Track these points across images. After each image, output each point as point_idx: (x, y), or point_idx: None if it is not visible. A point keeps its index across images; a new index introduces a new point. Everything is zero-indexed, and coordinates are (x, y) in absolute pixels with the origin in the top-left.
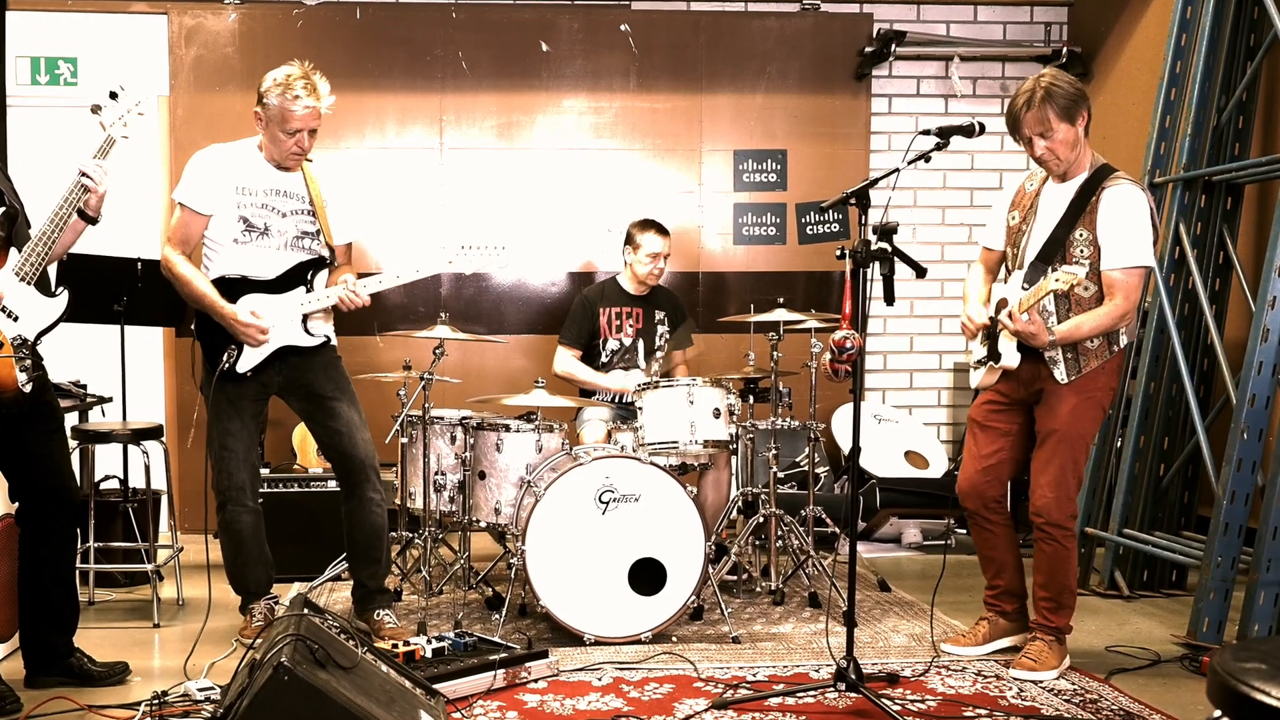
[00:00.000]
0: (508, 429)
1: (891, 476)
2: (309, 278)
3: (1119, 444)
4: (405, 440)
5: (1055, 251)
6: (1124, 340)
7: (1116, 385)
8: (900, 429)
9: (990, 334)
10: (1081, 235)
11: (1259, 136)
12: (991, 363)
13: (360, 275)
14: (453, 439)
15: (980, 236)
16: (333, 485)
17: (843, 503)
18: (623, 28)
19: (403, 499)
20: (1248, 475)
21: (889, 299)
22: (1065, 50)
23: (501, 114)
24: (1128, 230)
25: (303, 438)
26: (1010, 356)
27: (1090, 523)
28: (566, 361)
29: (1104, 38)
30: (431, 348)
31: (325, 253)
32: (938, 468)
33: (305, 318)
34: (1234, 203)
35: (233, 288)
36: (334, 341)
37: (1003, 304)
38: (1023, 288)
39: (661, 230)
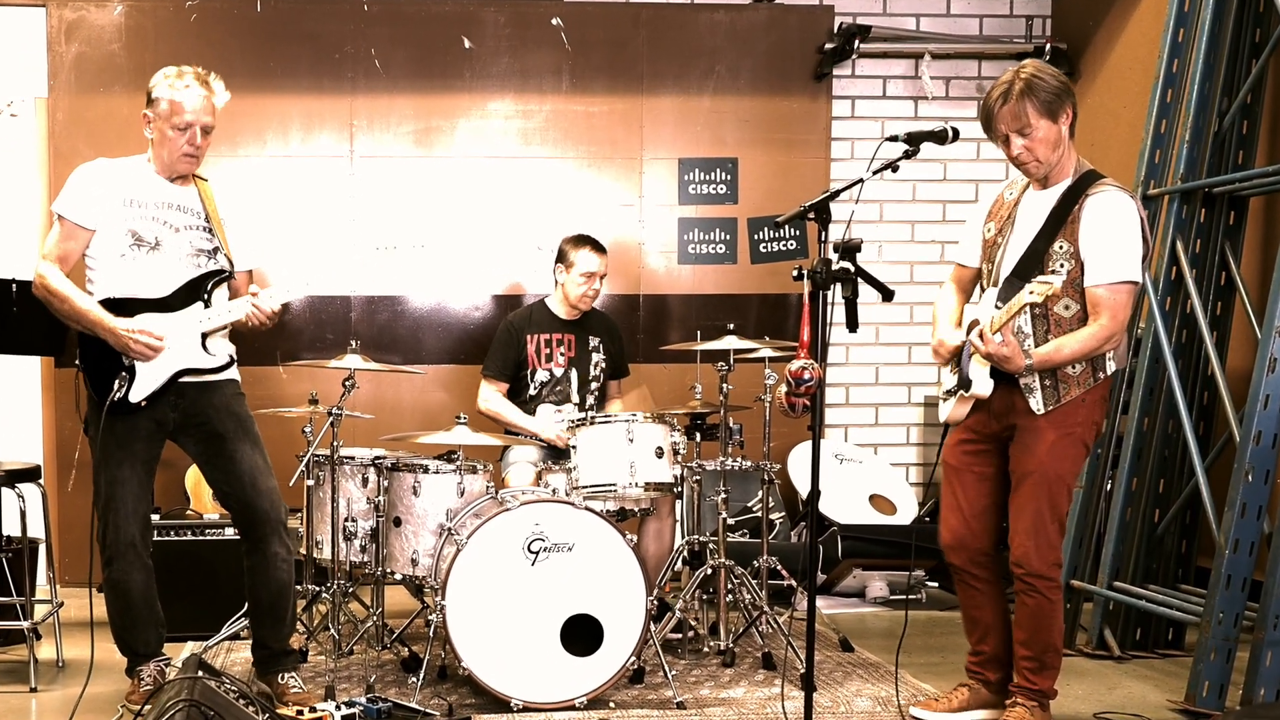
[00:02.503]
0: (426, 470)
1: (855, 523)
2: (207, 292)
3: (1109, 487)
4: (311, 483)
5: (1033, 266)
6: (1111, 366)
7: (1101, 419)
8: (864, 470)
9: (961, 360)
10: (1062, 248)
11: (1265, 144)
12: (961, 391)
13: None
14: (364, 481)
15: (953, 252)
16: (230, 533)
17: (800, 552)
18: (554, 22)
19: (309, 548)
20: (1252, 522)
21: (852, 325)
22: (1049, 47)
23: (419, 118)
24: (1114, 242)
25: (196, 481)
26: (982, 384)
27: (1077, 575)
28: (491, 397)
29: (1092, 33)
30: (341, 379)
31: (225, 265)
32: (906, 513)
33: (204, 337)
34: (1237, 217)
35: (121, 309)
36: (236, 375)
37: (974, 325)
38: (996, 306)
39: (598, 247)
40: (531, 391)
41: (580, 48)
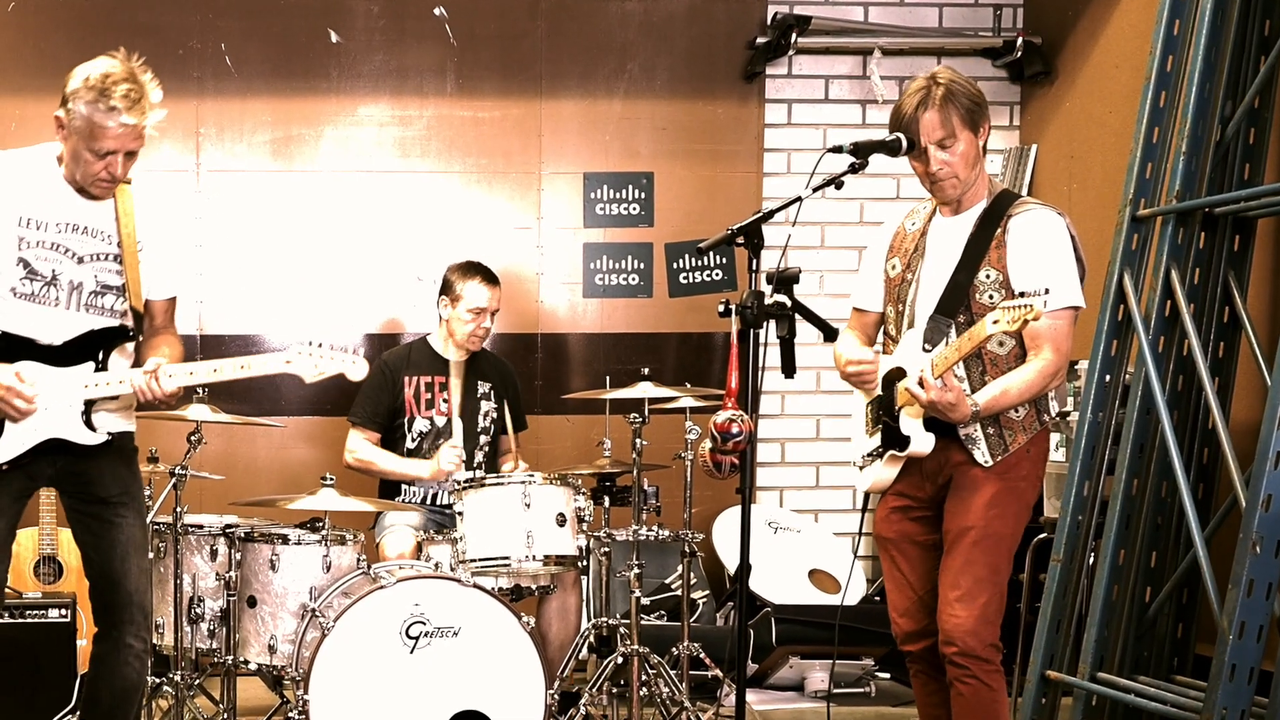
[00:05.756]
0: (285, 541)
1: (792, 603)
2: (102, 353)
3: (1091, 561)
4: (151, 555)
5: (958, 301)
6: (1055, 408)
7: (1042, 476)
8: (803, 541)
9: (883, 416)
10: (988, 277)
11: (1274, 156)
12: (893, 451)
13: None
14: (213, 554)
15: (853, 296)
16: (54, 614)
17: (727, 638)
18: (437, 12)
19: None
20: (1260, 602)
21: (788, 369)
22: (1020, 41)
23: (278, 125)
24: (1048, 264)
25: (14, 554)
26: (921, 440)
27: (1054, 664)
28: (360, 447)
29: (1072, 25)
30: (185, 434)
31: (128, 320)
32: (853, 592)
33: (89, 405)
34: (1242, 242)
35: (7, 348)
36: (131, 427)
37: (897, 375)
38: (924, 349)
39: (489, 278)
40: (409, 444)
41: (468, 42)
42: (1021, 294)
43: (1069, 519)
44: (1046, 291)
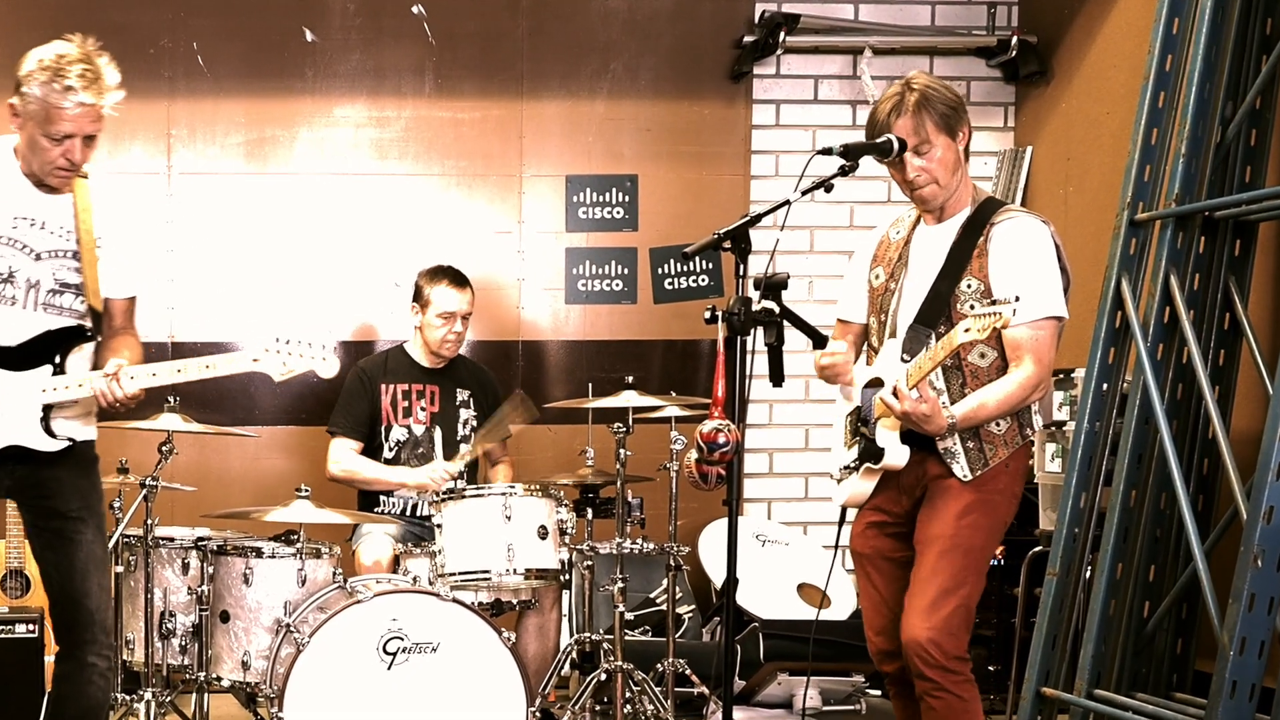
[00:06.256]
0: (259, 554)
1: (780, 618)
2: (59, 355)
3: (1088, 574)
4: (121, 569)
5: (939, 310)
6: (1038, 422)
7: (1020, 493)
8: (791, 554)
9: (859, 427)
10: (970, 286)
11: (1276, 157)
12: (868, 464)
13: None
14: (185, 567)
15: (838, 306)
16: (21, 630)
17: (714, 654)
18: (415, 10)
19: (118, 648)
20: (1262, 616)
21: (776, 378)
22: (1015, 40)
23: (251, 127)
24: (1030, 273)
25: None
26: (896, 452)
27: (1049, 681)
28: (345, 456)
29: (1068, 24)
30: (156, 443)
31: (86, 320)
32: (843, 606)
33: (48, 410)
34: (1243, 247)
35: None
36: (93, 435)
37: (875, 385)
38: (903, 359)
39: (459, 281)
40: (387, 453)
41: (447, 41)
42: (993, 301)
43: (1065, 531)
44: (1017, 299)
